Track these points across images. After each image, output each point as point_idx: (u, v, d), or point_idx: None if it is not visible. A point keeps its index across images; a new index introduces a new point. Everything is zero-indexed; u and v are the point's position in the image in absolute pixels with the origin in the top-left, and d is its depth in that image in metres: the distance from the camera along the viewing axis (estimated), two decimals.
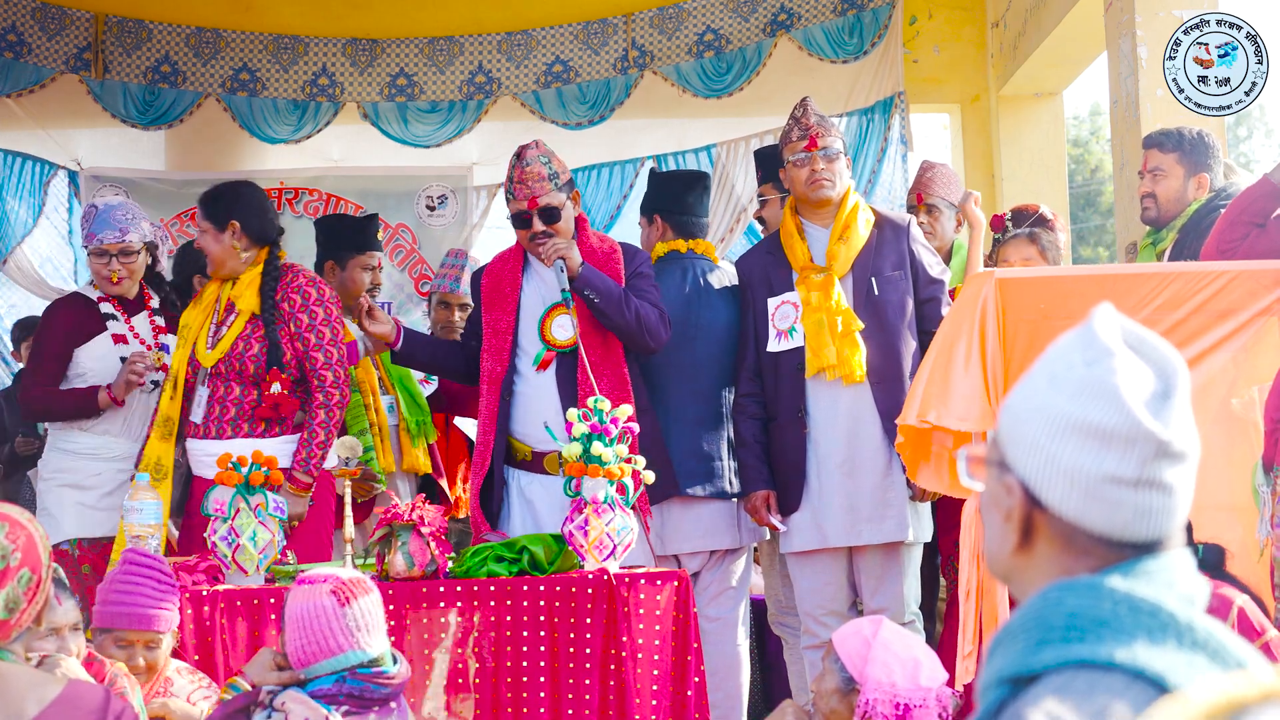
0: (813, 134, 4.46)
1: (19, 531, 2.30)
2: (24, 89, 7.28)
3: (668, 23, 7.57)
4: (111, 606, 3.39)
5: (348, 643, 2.95)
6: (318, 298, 4.58)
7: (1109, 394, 1.37)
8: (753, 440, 4.50)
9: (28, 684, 2.23)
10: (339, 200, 7.45)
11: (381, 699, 2.97)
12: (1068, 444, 1.38)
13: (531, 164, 4.44)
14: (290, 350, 4.55)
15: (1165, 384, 1.39)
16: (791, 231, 4.53)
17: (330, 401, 4.51)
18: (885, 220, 4.56)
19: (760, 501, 4.47)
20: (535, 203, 4.44)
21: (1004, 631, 1.38)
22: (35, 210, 7.25)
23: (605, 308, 4.35)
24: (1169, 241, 4.83)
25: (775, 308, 4.50)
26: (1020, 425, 1.42)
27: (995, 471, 1.45)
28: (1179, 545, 1.40)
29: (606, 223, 7.49)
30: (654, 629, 3.90)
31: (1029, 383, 1.44)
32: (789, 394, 4.44)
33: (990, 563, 1.49)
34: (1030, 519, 1.42)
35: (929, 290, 4.52)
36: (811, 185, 4.47)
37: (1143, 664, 1.28)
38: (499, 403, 4.43)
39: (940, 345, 3.83)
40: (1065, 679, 1.30)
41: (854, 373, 4.35)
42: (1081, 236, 22.56)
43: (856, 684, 3.07)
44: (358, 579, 3.07)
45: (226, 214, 4.62)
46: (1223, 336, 3.81)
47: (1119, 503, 1.37)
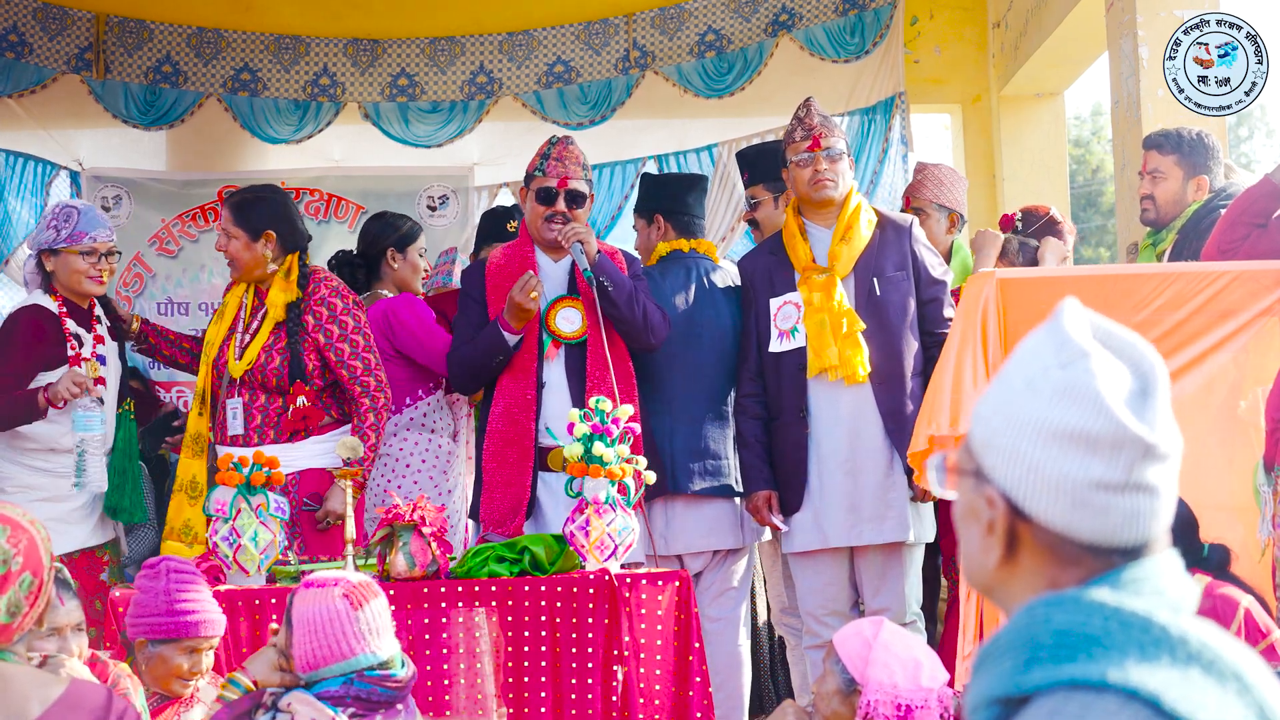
0: (816, 134, 4.47)
1: (21, 535, 2.29)
2: (25, 89, 7.29)
3: (669, 23, 7.57)
4: (180, 617, 3.38)
5: (360, 646, 2.94)
6: (344, 307, 4.63)
7: (1089, 397, 1.32)
8: (754, 440, 4.51)
9: (30, 684, 2.23)
10: (340, 200, 7.45)
11: (388, 701, 2.97)
12: (1050, 451, 1.33)
13: (573, 147, 4.57)
14: (313, 361, 4.58)
15: (1143, 382, 1.35)
16: (794, 232, 4.54)
17: (377, 405, 4.57)
18: (888, 221, 4.57)
19: (762, 502, 4.48)
20: (566, 183, 4.50)
21: (990, 647, 1.33)
22: (37, 210, 7.24)
23: (617, 298, 4.38)
24: (1169, 242, 4.83)
25: (777, 308, 4.51)
26: (997, 433, 1.36)
27: (971, 482, 1.40)
28: (1164, 548, 1.36)
29: (608, 223, 7.49)
30: (655, 629, 3.91)
31: (1001, 387, 1.38)
32: (791, 394, 4.45)
33: (970, 576, 1.43)
34: (1014, 530, 1.37)
35: (931, 291, 4.52)
36: (815, 185, 4.47)
37: (1136, 684, 1.23)
38: (535, 391, 4.43)
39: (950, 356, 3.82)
40: (1057, 701, 1.25)
41: (856, 373, 4.35)
42: (1083, 237, 22.56)
43: (858, 685, 3.07)
44: (366, 582, 3.06)
45: (262, 224, 4.65)
46: (1224, 337, 3.81)
47: (1107, 508, 1.32)
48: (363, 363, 4.59)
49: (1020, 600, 1.35)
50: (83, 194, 7.34)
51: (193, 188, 7.41)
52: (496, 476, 4.43)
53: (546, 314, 4.50)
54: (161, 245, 7.36)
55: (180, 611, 3.38)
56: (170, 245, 7.35)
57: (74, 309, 4.79)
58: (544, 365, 4.46)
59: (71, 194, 7.38)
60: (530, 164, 4.62)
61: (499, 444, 4.44)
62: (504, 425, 4.44)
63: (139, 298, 7.27)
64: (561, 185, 4.50)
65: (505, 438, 4.43)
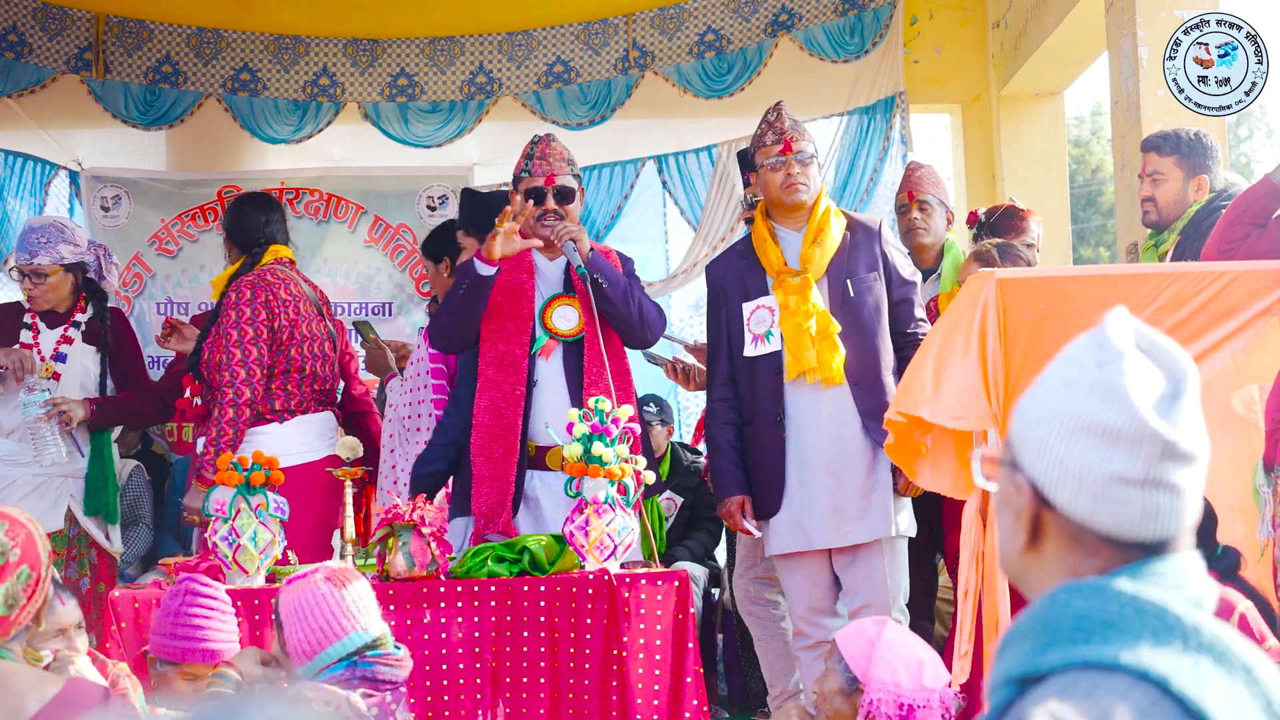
0: (787, 138, 4.47)
1: (18, 529, 2.30)
2: (25, 89, 7.29)
3: (669, 23, 7.57)
4: (181, 641, 3.37)
5: (351, 624, 2.95)
6: (232, 301, 4.78)
7: (1117, 395, 1.38)
8: (727, 446, 4.49)
9: (28, 682, 2.23)
10: (340, 200, 7.45)
11: (393, 681, 2.98)
12: (1076, 444, 1.39)
13: (555, 144, 4.59)
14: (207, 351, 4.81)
15: (1175, 386, 1.40)
16: (764, 236, 4.53)
17: (224, 400, 4.66)
18: (857, 223, 4.57)
19: (735, 507, 4.46)
20: (552, 180, 4.52)
21: (1013, 631, 1.40)
22: (36, 210, 7.25)
23: (612, 294, 4.38)
24: (1170, 243, 4.83)
25: (750, 312, 4.49)
26: (1031, 426, 1.44)
27: (1007, 472, 1.47)
28: (1188, 547, 1.40)
29: (607, 223, 7.50)
30: (654, 629, 3.91)
31: (1041, 385, 1.46)
32: (767, 398, 4.43)
33: (1001, 561, 1.51)
34: (1039, 518, 1.43)
35: (902, 291, 4.53)
36: (787, 189, 4.47)
37: (1146, 665, 1.29)
38: (524, 388, 4.42)
39: (937, 343, 3.82)
40: (1070, 680, 1.31)
41: (834, 375, 4.35)
42: (1082, 237, 22.56)
43: (860, 685, 3.07)
44: (345, 567, 3.10)
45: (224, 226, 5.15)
46: (1223, 337, 3.81)
47: (1126, 502, 1.38)
48: (227, 356, 4.70)
49: (1044, 587, 1.42)
50: (82, 194, 7.35)
51: (192, 188, 7.41)
52: (483, 471, 4.42)
53: (543, 312, 4.50)
54: (161, 245, 7.37)
55: (182, 636, 3.37)
56: (170, 245, 7.36)
57: (49, 312, 5.16)
58: (535, 363, 4.45)
59: (71, 194, 7.40)
60: (516, 166, 4.63)
61: (485, 438, 4.42)
62: (490, 420, 4.42)
63: (139, 298, 7.28)
64: (548, 183, 4.51)
65: (491, 432, 4.41)
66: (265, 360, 4.74)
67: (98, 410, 5.07)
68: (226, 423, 4.62)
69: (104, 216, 7.32)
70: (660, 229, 7.68)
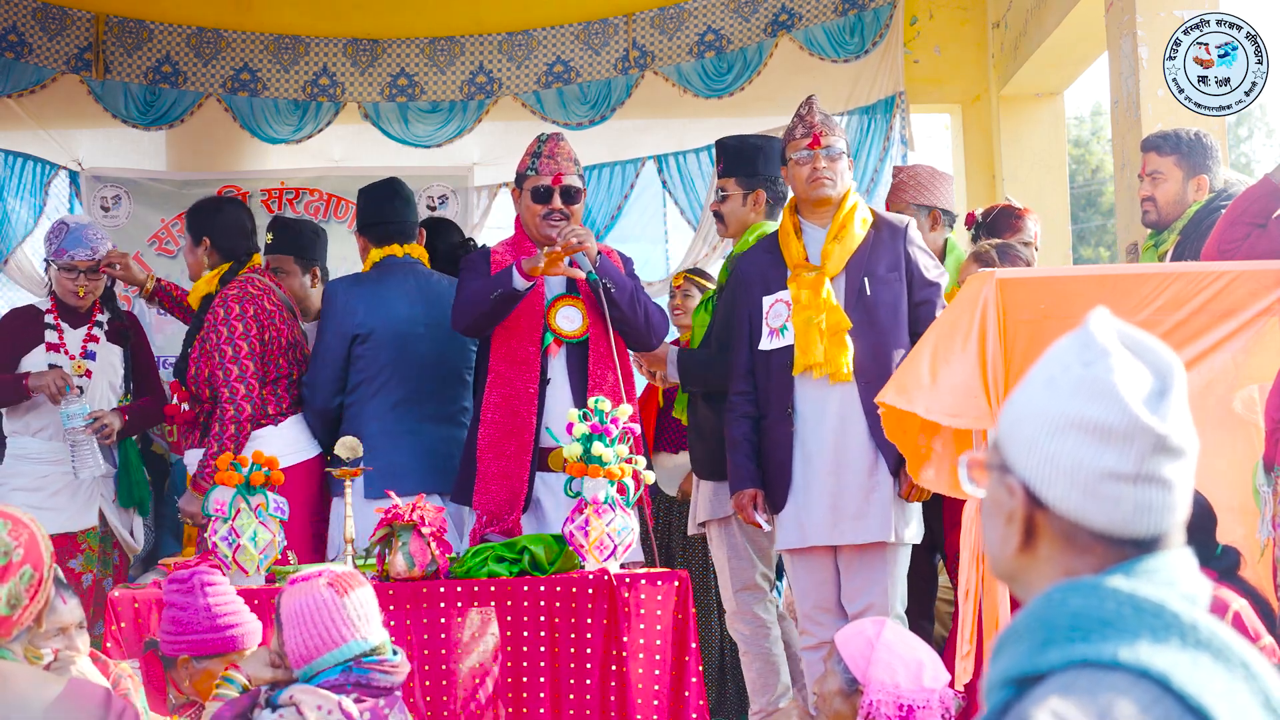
0: (816, 132, 4.45)
1: (21, 529, 2.30)
2: (25, 89, 7.29)
3: (668, 23, 7.57)
4: (225, 632, 3.37)
5: (350, 633, 2.95)
6: (223, 316, 4.75)
7: (1106, 391, 1.38)
8: (743, 439, 4.50)
9: (30, 683, 2.23)
10: (340, 200, 7.45)
11: (387, 688, 2.98)
12: (1066, 441, 1.39)
13: (564, 144, 4.60)
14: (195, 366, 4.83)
15: (1162, 382, 1.40)
16: (789, 230, 4.53)
17: (225, 416, 4.66)
18: (883, 222, 4.56)
19: (747, 500, 4.46)
20: (560, 179, 4.51)
21: (1009, 632, 1.39)
22: (36, 210, 7.26)
23: (620, 299, 4.39)
24: (1170, 244, 4.83)
25: (769, 306, 4.50)
26: (1019, 426, 1.43)
27: (997, 475, 1.47)
28: (1180, 543, 1.41)
29: (607, 223, 7.50)
30: (654, 629, 3.91)
31: (1027, 386, 1.45)
32: (778, 392, 4.44)
33: (993, 565, 1.51)
34: (1032, 519, 1.43)
35: (924, 293, 4.50)
36: (812, 183, 4.45)
37: (1146, 663, 1.29)
38: (538, 385, 4.42)
39: (935, 340, 3.82)
40: (1069, 678, 1.31)
41: (840, 371, 4.34)
42: (1082, 237, 22.55)
43: (860, 685, 3.07)
44: (350, 572, 3.08)
45: (201, 231, 5.03)
46: (1223, 337, 3.81)
47: (1118, 498, 1.38)
48: (224, 373, 4.70)
49: (1039, 588, 1.41)
50: (82, 194, 7.35)
51: (192, 188, 7.40)
52: (493, 467, 4.40)
53: (547, 312, 4.49)
54: (161, 245, 7.37)
55: (224, 627, 3.38)
56: (170, 245, 7.35)
57: (66, 311, 5.24)
58: (548, 361, 4.45)
59: (71, 194, 7.40)
60: (521, 163, 4.61)
61: (496, 434, 4.41)
62: (502, 416, 4.41)
63: (138, 297, 7.27)
64: (556, 182, 4.50)
65: (503, 429, 4.40)
66: (259, 372, 4.76)
67: (129, 419, 5.20)
68: (229, 438, 4.64)
69: (104, 216, 7.31)
70: (660, 229, 7.68)
